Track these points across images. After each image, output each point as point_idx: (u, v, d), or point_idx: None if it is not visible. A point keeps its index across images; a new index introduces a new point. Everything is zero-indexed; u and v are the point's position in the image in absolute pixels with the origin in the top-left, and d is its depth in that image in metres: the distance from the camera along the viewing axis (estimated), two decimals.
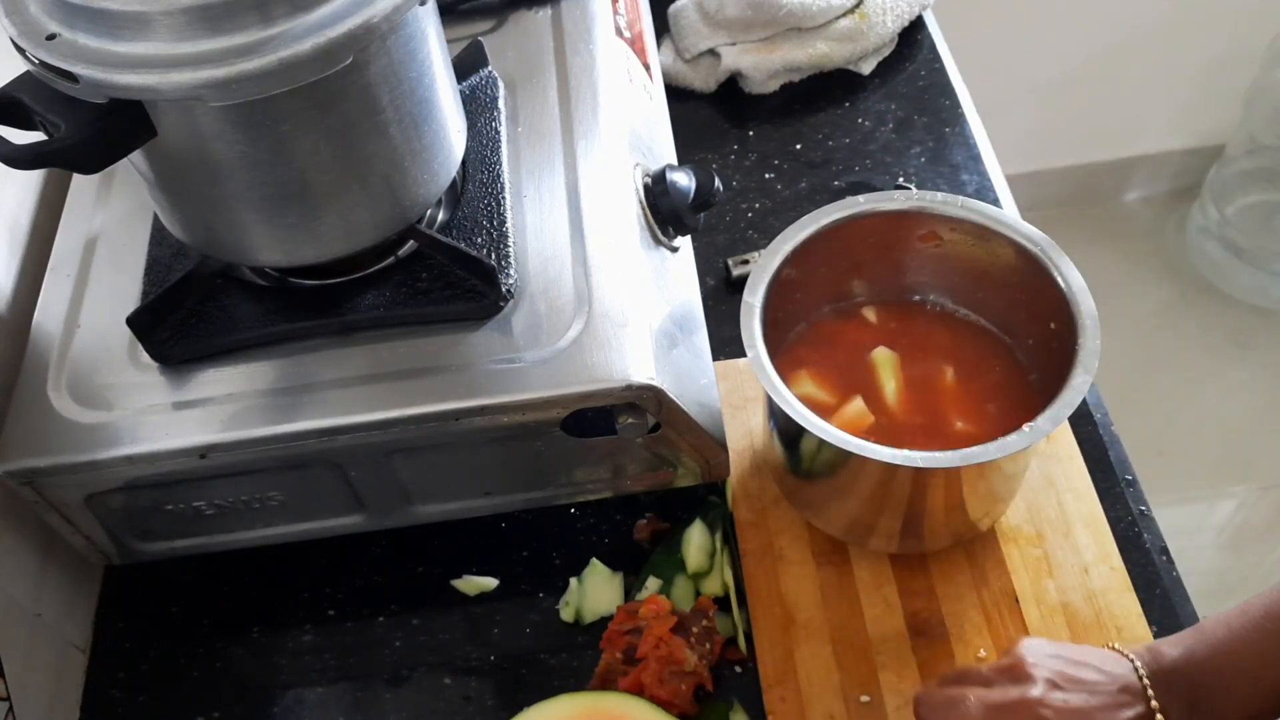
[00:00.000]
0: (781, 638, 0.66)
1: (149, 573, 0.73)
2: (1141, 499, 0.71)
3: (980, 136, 0.93)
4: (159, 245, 0.68)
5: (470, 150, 0.69)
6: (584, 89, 0.73)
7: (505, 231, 0.65)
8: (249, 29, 0.49)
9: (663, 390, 0.60)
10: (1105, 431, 0.74)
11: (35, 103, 0.52)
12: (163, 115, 0.52)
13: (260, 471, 0.64)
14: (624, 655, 0.65)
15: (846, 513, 0.66)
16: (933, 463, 0.57)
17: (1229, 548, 1.66)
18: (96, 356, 0.65)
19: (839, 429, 0.58)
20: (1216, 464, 1.73)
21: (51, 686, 0.68)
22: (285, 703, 0.69)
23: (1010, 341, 0.68)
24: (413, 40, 0.56)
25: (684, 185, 0.70)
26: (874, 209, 0.66)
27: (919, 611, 0.66)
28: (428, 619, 0.71)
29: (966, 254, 0.67)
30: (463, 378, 0.61)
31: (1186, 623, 0.65)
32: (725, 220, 0.89)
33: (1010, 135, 1.60)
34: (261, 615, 0.73)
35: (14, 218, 0.74)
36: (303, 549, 0.72)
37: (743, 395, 0.76)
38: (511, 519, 0.74)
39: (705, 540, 0.70)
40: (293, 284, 0.66)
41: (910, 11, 0.98)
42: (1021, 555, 0.68)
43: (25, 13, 0.51)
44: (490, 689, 0.68)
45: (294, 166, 0.56)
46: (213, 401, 0.62)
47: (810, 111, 0.97)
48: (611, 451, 0.66)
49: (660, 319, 0.65)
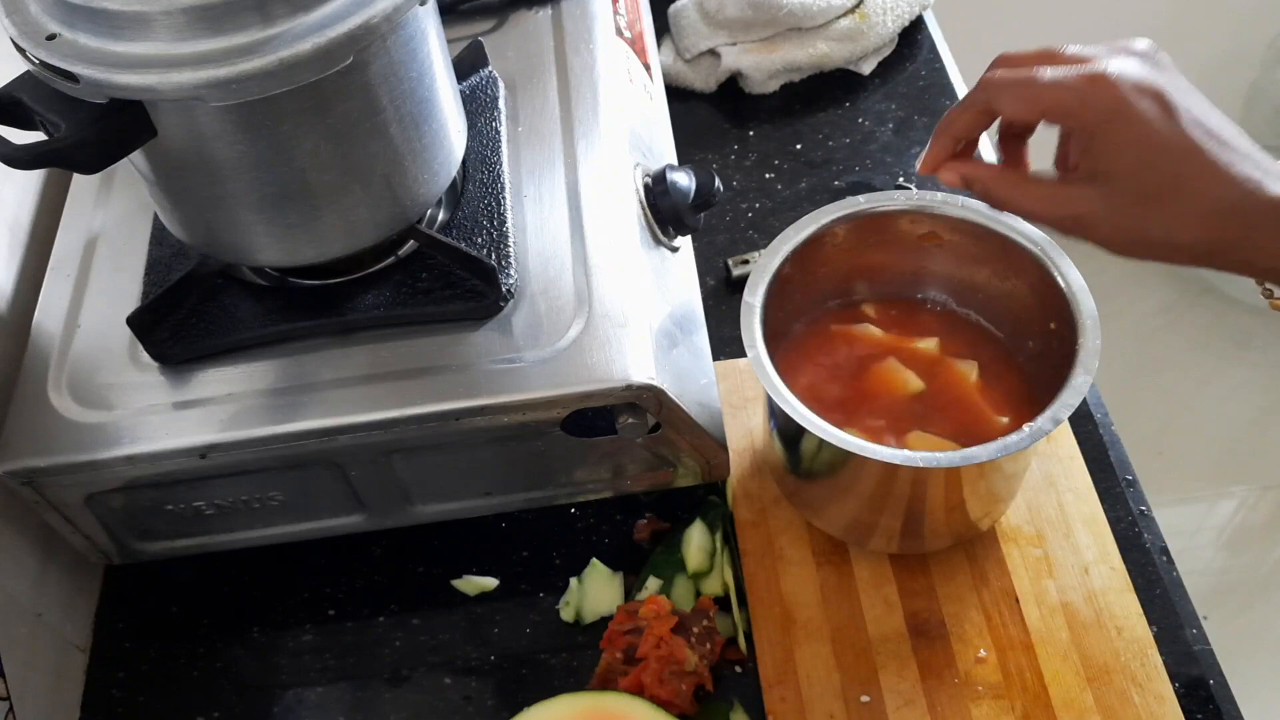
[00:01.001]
0: (781, 638, 0.66)
1: (149, 573, 0.73)
2: (1141, 499, 0.71)
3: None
4: (159, 245, 0.68)
5: (470, 150, 0.69)
6: (584, 89, 0.73)
7: (505, 231, 0.65)
8: (249, 29, 0.49)
9: (663, 390, 0.60)
10: (1105, 431, 0.74)
11: (35, 103, 0.52)
12: (163, 115, 0.52)
13: (260, 471, 0.64)
14: (624, 655, 0.65)
15: (846, 513, 0.66)
16: (933, 463, 0.57)
17: (1229, 548, 1.66)
18: (96, 356, 0.65)
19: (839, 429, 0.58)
20: (1216, 464, 1.73)
21: (51, 686, 0.68)
22: (285, 703, 0.69)
23: (1010, 341, 0.68)
24: (413, 40, 0.56)
25: (684, 185, 0.70)
26: (874, 209, 0.66)
27: (919, 611, 0.66)
28: (428, 619, 0.71)
29: (966, 254, 0.67)
30: (463, 378, 0.61)
31: (1186, 623, 0.66)
32: (725, 220, 0.89)
33: None
34: (261, 615, 0.73)
35: (14, 218, 0.74)
36: (303, 549, 0.72)
37: (743, 395, 0.76)
38: (511, 519, 0.74)
39: (705, 540, 0.70)
40: (293, 284, 0.66)
41: (910, 11, 0.98)
42: (1021, 555, 0.68)
43: (25, 13, 0.51)
44: (490, 689, 0.68)
45: (294, 166, 0.56)
46: (213, 401, 0.62)
47: (810, 111, 0.97)
48: (611, 451, 0.66)
49: (660, 319, 0.65)
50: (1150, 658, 0.63)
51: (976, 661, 0.64)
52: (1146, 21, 1.69)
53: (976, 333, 0.69)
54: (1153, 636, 0.64)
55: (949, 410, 0.66)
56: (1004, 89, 0.53)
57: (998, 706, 0.62)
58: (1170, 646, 0.64)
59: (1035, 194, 0.54)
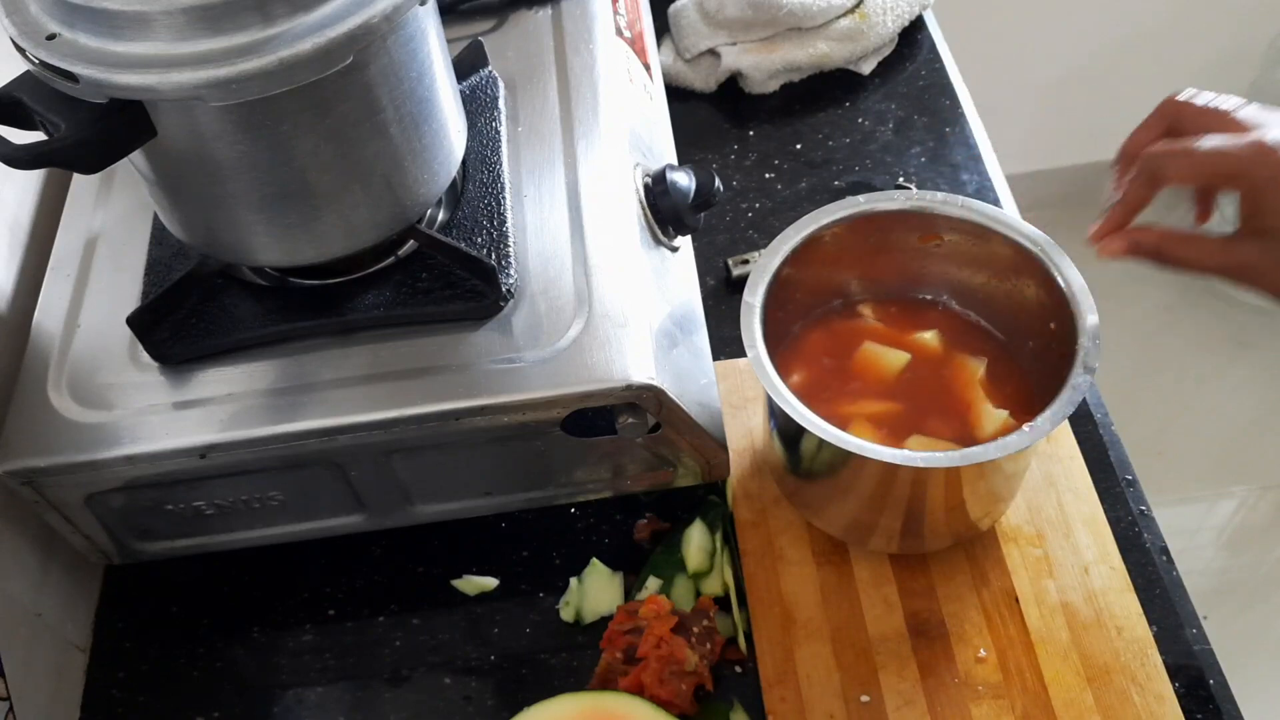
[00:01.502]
0: (781, 638, 0.66)
1: (149, 573, 0.73)
2: (1141, 499, 0.71)
3: (980, 136, 0.93)
4: (159, 245, 0.68)
5: (470, 150, 0.69)
6: (584, 89, 0.73)
7: (505, 231, 0.65)
8: (249, 29, 0.49)
9: (663, 390, 0.60)
10: (1105, 431, 0.74)
11: (35, 103, 0.52)
12: (163, 115, 0.52)
13: (260, 471, 0.64)
14: (624, 655, 0.65)
15: (846, 513, 0.66)
16: (933, 463, 0.57)
17: (1229, 548, 1.66)
18: (96, 356, 0.65)
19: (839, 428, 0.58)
20: (1216, 464, 1.73)
21: (51, 686, 0.68)
22: (285, 703, 0.69)
23: (1010, 341, 0.68)
24: (413, 40, 0.56)
25: (684, 185, 0.70)
26: (874, 209, 0.66)
27: (919, 611, 0.66)
28: (428, 619, 0.71)
29: (966, 254, 0.67)
30: (463, 378, 0.61)
31: (1186, 623, 0.66)
32: (725, 220, 0.89)
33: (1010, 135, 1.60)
34: (261, 615, 0.73)
35: (14, 218, 0.74)
36: (303, 549, 0.72)
37: (743, 395, 0.76)
38: (511, 519, 0.74)
39: (705, 540, 0.70)
40: (293, 284, 0.66)
41: (910, 11, 0.98)
42: (1021, 555, 0.68)
43: (25, 13, 0.51)
44: (490, 689, 0.68)
45: (294, 166, 0.56)
46: (213, 401, 0.62)
47: (810, 111, 0.97)
48: (611, 451, 0.66)
49: (660, 319, 0.65)
50: (1150, 658, 0.63)
51: (976, 661, 0.64)
52: (1146, 21, 1.69)
53: (976, 333, 0.69)
54: (1153, 636, 0.64)
55: (949, 410, 0.66)
56: (1169, 160, 0.57)
57: (998, 706, 0.62)
58: (1170, 646, 0.64)
59: (1206, 250, 0.58)
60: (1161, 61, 1.76)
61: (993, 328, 0.69)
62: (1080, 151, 1.93)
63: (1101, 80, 1.78)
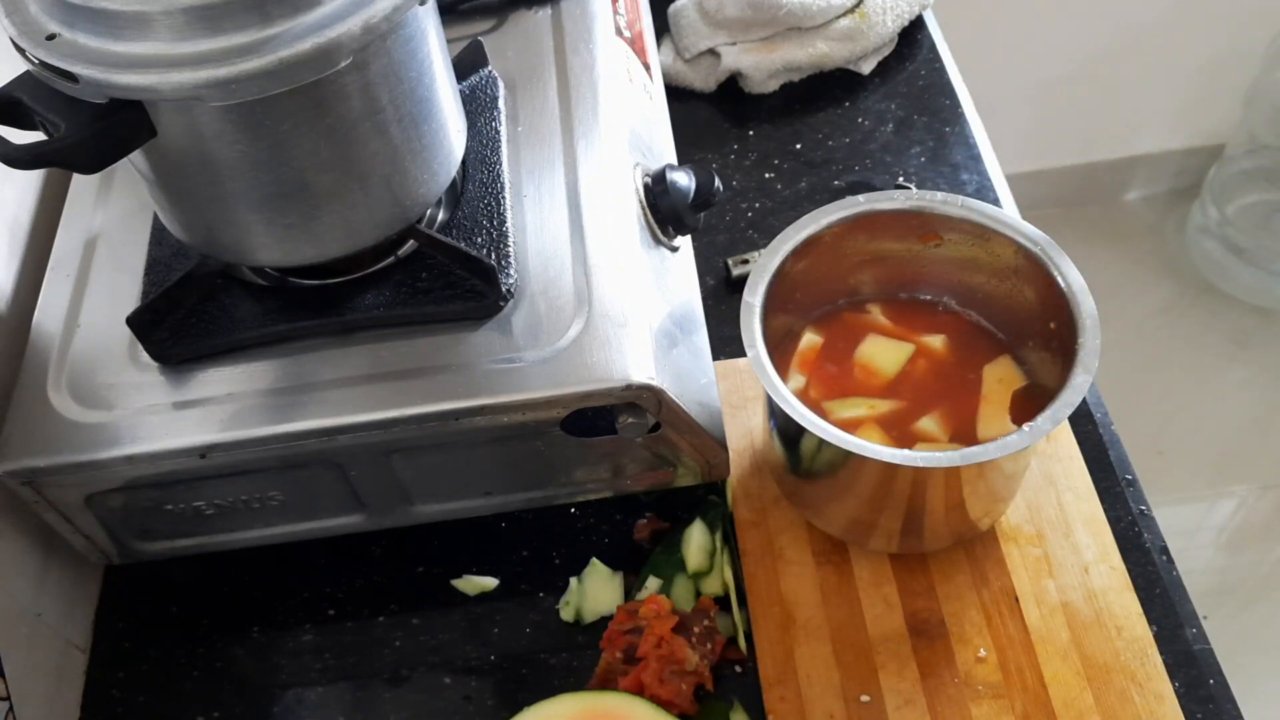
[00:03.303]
0: (781, 637, 0.66)
1: (149, 573, 0.73)
2: (1141, 499, 0.71)
3: (980, 136, 0.93)
4: (159, 245, 0.68)
5: (470, 150, 0.69)
6: (584, 89, 0.73)
7: (505, 231, 0.65)
8: (249, 29, 0.49)
9: (663, 390, 0.60)
10: (1105, 431, 0.74)
11: (35, 103, 0.52)
12: (163, 115, 0.52)
13: (260, 471, 0.64)
14: (624, 655, 0.65)
15: (846, 512, 0.66)
16: (933, 462, 0.57)
17: (1229, 548, 1.66)
18: (96, 356, 0.65)
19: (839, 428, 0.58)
20: (1216, 464, 1.73)
21: (51, 686, 0.68)
22: (285, 703, 0.69)
23: (1010, 341, 0.68)
24: (413, 40, 0.56)
25: (684, 185, 0.70)
26: (874, 209, 0.66)
27: (919, 611, 0.66)
28: (428, 619, 0.71)
29: (966, 254, 0.67)
30: (463, 378, 0.61)
31: (1186, 622, 0.66)
32: (725, 220, 0.89)
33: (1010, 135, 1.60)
34: (261, 615, 0.73)
35: (14, 218, 0.74)
36: (303, 549, 0.72)
37: (743, 395, 0.76)
38: (511, 519, 0.74)
39: (705, 540, 0.70)
40: (293, 284, 0.66)
41: (910, 11, 0.98)
42: (1021, 555, 0.68)
43: (25, 13, 0.51)
44: (490, 689, 0.68)
45: (294, 166, 0.56)
46: (213, 401, 0.62)
47: (810, 111, 0.97)
48: (611, 451, 0.66)
49: (660, 319, 0.65)
50: (1150, 657, 0.63)
51: (976, 661, 0.64)
52: (1146, 21, 1.69)
53: (977, 332, 0.69)
54: (1152, 636, 0.64)
55: (949, 409, 0.66)
56: None
57: (997, 706, 0.62)
58: (1170, 646, 0.64)
59: None
60: (1161, 61, 1.76)
61: (993, 328, 0.69)
62: (1080, 151, 1.93)
63: (1101, 80, 1.78)
